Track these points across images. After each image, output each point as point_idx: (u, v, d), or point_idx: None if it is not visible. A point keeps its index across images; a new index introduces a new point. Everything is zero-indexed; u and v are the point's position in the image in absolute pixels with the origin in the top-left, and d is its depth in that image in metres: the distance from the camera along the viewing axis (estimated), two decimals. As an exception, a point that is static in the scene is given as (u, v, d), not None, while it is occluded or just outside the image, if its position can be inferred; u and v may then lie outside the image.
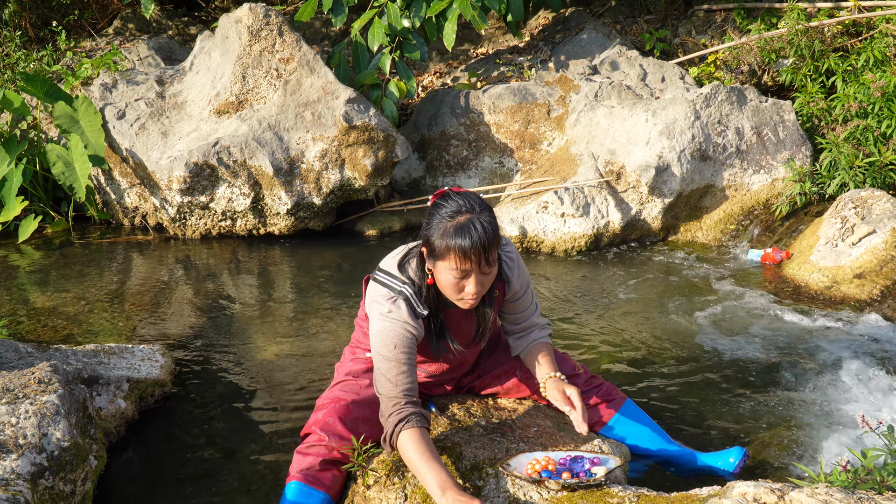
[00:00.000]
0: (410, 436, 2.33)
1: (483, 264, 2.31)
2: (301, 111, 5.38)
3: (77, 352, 3.26)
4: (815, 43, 5.66)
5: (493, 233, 2.30)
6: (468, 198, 2.34)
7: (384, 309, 2.44)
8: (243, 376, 3.54)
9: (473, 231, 2.26)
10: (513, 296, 2.68)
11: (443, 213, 2.32)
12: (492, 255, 2.32)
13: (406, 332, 2.42)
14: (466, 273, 2.33)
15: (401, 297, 2.44)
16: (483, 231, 2.27)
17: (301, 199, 5.35)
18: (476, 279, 2.34)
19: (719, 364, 3.63)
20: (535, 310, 2.79)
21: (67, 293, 4.53)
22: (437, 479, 2.24)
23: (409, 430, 2.34)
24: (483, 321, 2.63)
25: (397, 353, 2.41)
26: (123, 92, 5.82)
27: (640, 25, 7.05)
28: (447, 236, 2.28)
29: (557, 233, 5.19)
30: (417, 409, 2.39)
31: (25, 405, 2.40)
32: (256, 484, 2.75)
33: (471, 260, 2.28)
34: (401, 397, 2.39)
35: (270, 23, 5.55)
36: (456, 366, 2.78)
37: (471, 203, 2.32)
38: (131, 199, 5.77)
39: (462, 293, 2.39)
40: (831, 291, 4.36)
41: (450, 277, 2.35)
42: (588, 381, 2.86)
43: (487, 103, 5.98)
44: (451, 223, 2.29)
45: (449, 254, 2.29)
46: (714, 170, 5.39)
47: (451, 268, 2.32)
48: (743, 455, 2.75)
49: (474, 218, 2.28)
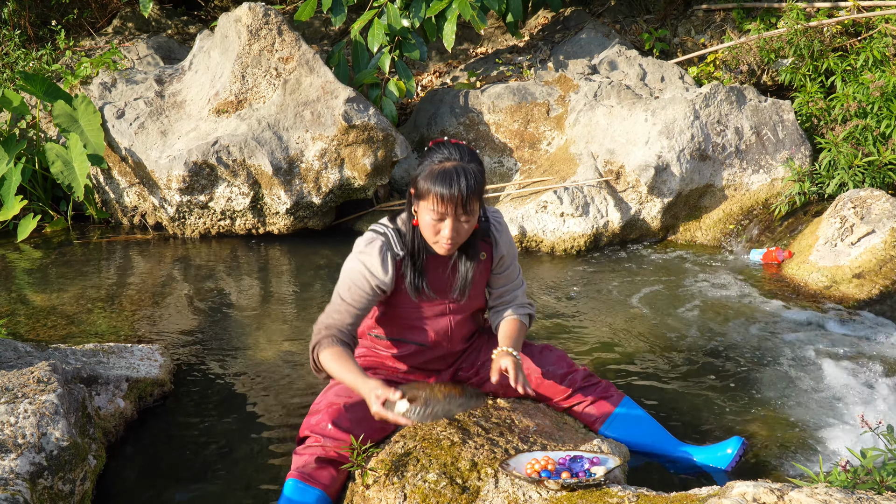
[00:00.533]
0: (330, 353, 2.50)
1: (459, 211, 2.41)
2: (300, 110, 5.38)
3: (76, 351, 3.26)
4: (815, 43, 5.66)
5: (475, 184, 2.40)
6: (460, 149, 2.45)
7: (358, 249, 2.60)
8: (242, 376, 3.54)
9: (455, 177, 2.38)
10: (500, 263, 2.75)
11: (432, 158, 2.44)
12: (470, 204, 2.41)
13: (366, 280, 2.55)
14: (443, 216, 2.43)
15: (380, 237, 2.59)
16: (465, 179, 2.38)
17: (300, 198, 5.35)
18: (452, 224, 2.44)
19: (718, 364, 3.63)
20: (520, 285, 2.85)
21: (66, 292, 4.53)
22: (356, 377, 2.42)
23: (328, 348, 2.51)
24: (463, 275, 2.67)
25: (349, 296, 2.56)
26: (123, 91, 5.82)
27: (640, 25, 7.06)
28: (430, 178, 2.40)
29: (557, 232, 5.19)
30: (335, 335, 2.54)
31: (24, 404, 2.40)
32: (255, 483, 2.75)
33: (448, 204, 2.39)
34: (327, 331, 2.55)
35: (270, 22, 5.55)
36: (442, 335, 2.77)
37: (461, 153, 2.44)
38: (130, 199, 5.76)
39: (438, 236, 2.48)
40: (830, 291, 4.36)
41: (428, 218, 2.45)
42: (586, 379, 2.86)
43: (487, 103, 5.98)
44: (436, 167, 2.41)
45: (429, 195, 2.41)
46: (713, 169, 5.39)
47: (430, 209, 2.43)
48: (741, 444, 2.76)
49: (459, 166, 2.40)
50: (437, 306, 2.73)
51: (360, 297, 2.58)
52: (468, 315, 2.83)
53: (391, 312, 2.75)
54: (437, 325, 2.75)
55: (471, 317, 2.87)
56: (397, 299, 2.69)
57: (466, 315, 2.82)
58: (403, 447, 2.55)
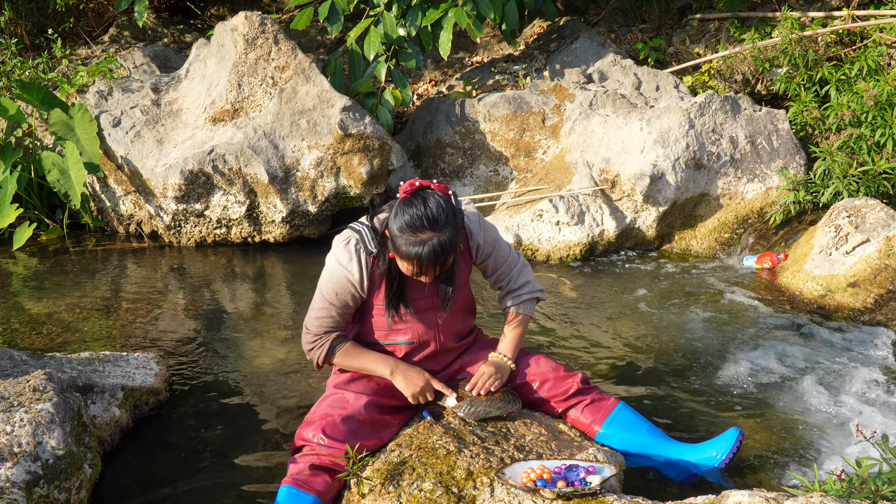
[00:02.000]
0: (344, 350, 2.73)
1: (436, 273, 2.55)
2: (296, 119, 5.39)
3: (72, 360, 3.25)
4: (809, 52, 5.69)
5: (451, 249, 2.49)
6: (432, 208, 2.46)
7: (337, 250, 2.68)
8: (238, 384, 3.54)
9: (430, 250, 2.44)
10: (479, 251, 2.81)
11: (405, 221, 2.46)
12: (447, 264, 2.52)
13: (347, 281, 2.65)
14: (421, 274, 2.55)
15: (355, 235, 2.66)
16: (441, 251, 2.45)
17: (296, 206, 5.35)
18: (430, 277, 2.57)
19: (713, 372, 3.64)
20: (517, 260, 2.89)
21: (62, 301, 4.52)
22: (383, 362, 2.72)
23: (341, 348, 2.73)
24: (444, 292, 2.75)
25: (333, 299, 2.68)
26: (119, 99, 5.82)
27: (635, 34, 7.08)
28: (409, 246, 2.46)
29: (552, 241, 5.20)
30: (337, 334, 2.73)
31: (20, 413, 2.40)
32: (250, 491, 2.74)
33: (426, 271, 2.51)
34: (321, 334, 2.72)
35: (266, 31, 5.56)
36: (431, 333, 2.81)
37: (435, 217, 2.45)
38: (126, 207, 5.76)
39: (416, 278, 2.60)
40: (825, 300, 4.37)
41: (407, 271, 2.56)
42: (583, 382, 2.88)
43: (482, 111, 5.99)
44: (412, 238, 2.45)
45: (408, 261, 2.50)
46: (708, 178, 5.40)
47: (407, 269, 2.54)
48: (738, 435, 2.77)
49: (435, 238, 2.44)
50: (424, 303, 2.78)
51: (344, 297, 2.68)
52: (457, 311, 2.86)
53: (378, 316, 2.78)
54: (424, 321, 2.79)
55: (460, 313, 2.89)
56: (379, 299, 2.74)
57: (454, 311, 2.84)
58: (399, 456, 2.55)
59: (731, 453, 2.76)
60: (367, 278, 2.66)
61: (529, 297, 2.90)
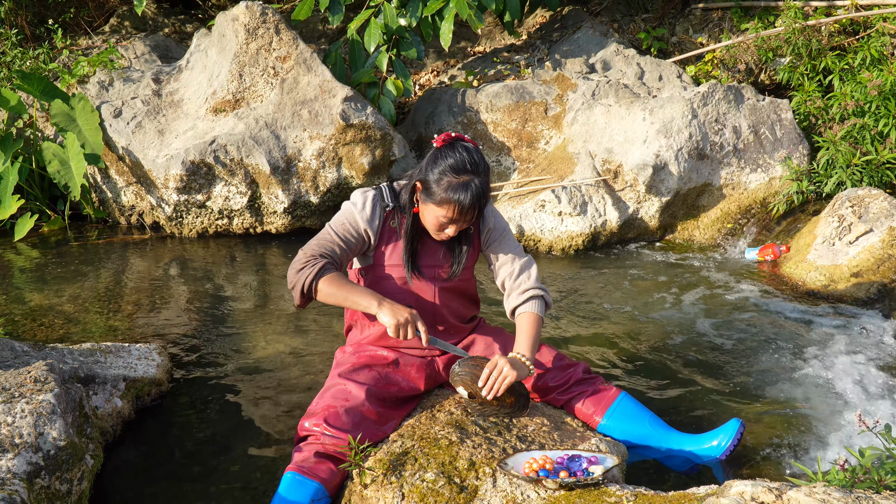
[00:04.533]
0: (333, 276, 2.62)
1: (469, 220, 2.60)
2: (298, 109, 5.37)
3: (73, 351, 3.25)
4: (812, 42, 5.66)
5: (487, 194, 2.57)
6: (472, 154, 2.56)
7: (354, 196, 2.77)
8: (240, 375, 3.54)
9: (472, 192, 2.51)
10: (488, 235, 2.84)
11: (448, 165, 2.53)
12: (481, 211, 2.58)
13: (357, 217, 2.70)
14: (454, 221, 2.59)
15: (373, 189, 2.76)
16: (481, 194, 2.53)
17: (298, 197, 5.34)
18: (458, 227, 2.62)
19: (715, 363, 3.63)
20: (522, 256, 2.86)
21: (64, 292, 4.52)
22: (369, 296, 2.60)
23: (330, 272, 2.63)
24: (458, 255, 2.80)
25: (339, 228, 2.70)
26: (120, 90, 5.81)
27: (638, 24, 7.05)
28: (448, 189, 2.52)
29: (555, 231, 5.19)
30: (330, 260, 2.66)
31: (21, 404, 2.39)
32: (253, 482, 2.74)
33: (462, 216, 2.56)
34: (318, 256, 2.65)
35: (267, 21, 5.54)
36: (429, 302, 2.81)
37: (475, 161, 2.54)
38: (128, 198, 5.75)
39: (440, 232, 2.65)
40: (828, 290, 4.36)
41: (436, 220, 2.60)
42: (585, 372, 2.88)
43: (484, 102, 5.97)
44: (456, 179, 2.52)
45: (447, 205, 2.54)
46: (711, 169, 5.39)
47: (444, 215, 2.57)
48: (739, 426, 2.76)
49: (476, 179, 2.53)
50: (429, 272, 2.80)
51: (349, 234, 2.70)
52: (457, 291, 2.87)
53: (376, 282, 2.80)
54: (421, 291, 2.80)
55: (461, 296, 2.89)
56: (381, 259, 2.77)
57: (452, 288, 2.85)
58: (401, 446, 2.55)
59: (733, 443, 2.75)
60: (379, 227, 2.72)
61: (537, 294, 2.80)
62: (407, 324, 2.57)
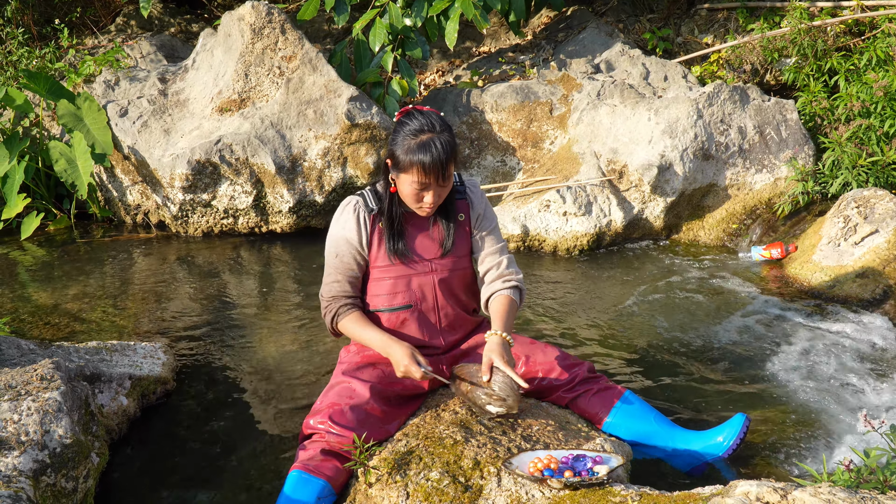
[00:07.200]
0: (350, 318, 2.77)
1: (440, 179, 2.58)
2: (303, 109, 5.38)
3: (79, 349, 3.26)
4: (818, 42, 5.65)
5: (451, 150, 2.58)
6: (429, 117, 2.59)
7: (336, 213, 2.81)
8: (245, 374, 3.54)
9: (433, 149, 2.54)
10: (479, 222, 2.88)
11: (407, 131, 2.58)
12: (449, 170, 2.59)
13: (345, 241, 2.77)
14: (426, 185, 2.60)
15: (356, 197, 2.80)
16: (442, 149, 2.54)
17: (303, 197, 5.35)
18: (434, 191, 2.62)
19: (720, 362, 3.63)
20: (504, 252, 2.90)
21: (69, 290, 4.53)
22: (377, 343, 2.71)
23: (346, 315, 2.78)
24: (445, 231, 2.83)
25: (335, 261, 2.79)
26: (126, 89, 5.82)
27: (643, 24, 7.05)
28: (410, 152, 2.55)
29: (559, 232, 5.18)
30: (345, 302, 2.80)
31: (28, 402, 2.40)
32: (258, 481, 2.75)
33: (431, 175, 2.56)
34: (330, 300, 2.81)
35: (273, 21, 5.55)
36: (429, 294, 2.83)
37: (432, 122, 2.58)
38: (133, 197, 5.77)
39: (421, 202, 2.66)
40: (833, 291, 4.35)
41: (411, 189, 2.62)
42: (590, 371, 2.89)
43: (490, 102, 5.98)
44: (414, 141, 2.55)
45: (412, 168, 2.56)
46: (716, 169, 5.38)
47: (413, 181, 2.59)
48: (745, 421, 2.76)
49: (435, 137, 2.55)
50: (420, 265, 2.81)
51: (348, 262, 2.79)
52: (454, 278, 2.87)
53: (377, 280, 2.82)
54: (421, 283, 2.81)
55: (460, 280, 2.90)
56: (379, 260, 2.79)
57: (451, 276, 2.86)
58: (406, 446, 2.55)
59: (739, 439, 2.75)
60: (367, 235, 2.76)
61: (517, 284, 2.87)
62: (410, 365, 2.64)
